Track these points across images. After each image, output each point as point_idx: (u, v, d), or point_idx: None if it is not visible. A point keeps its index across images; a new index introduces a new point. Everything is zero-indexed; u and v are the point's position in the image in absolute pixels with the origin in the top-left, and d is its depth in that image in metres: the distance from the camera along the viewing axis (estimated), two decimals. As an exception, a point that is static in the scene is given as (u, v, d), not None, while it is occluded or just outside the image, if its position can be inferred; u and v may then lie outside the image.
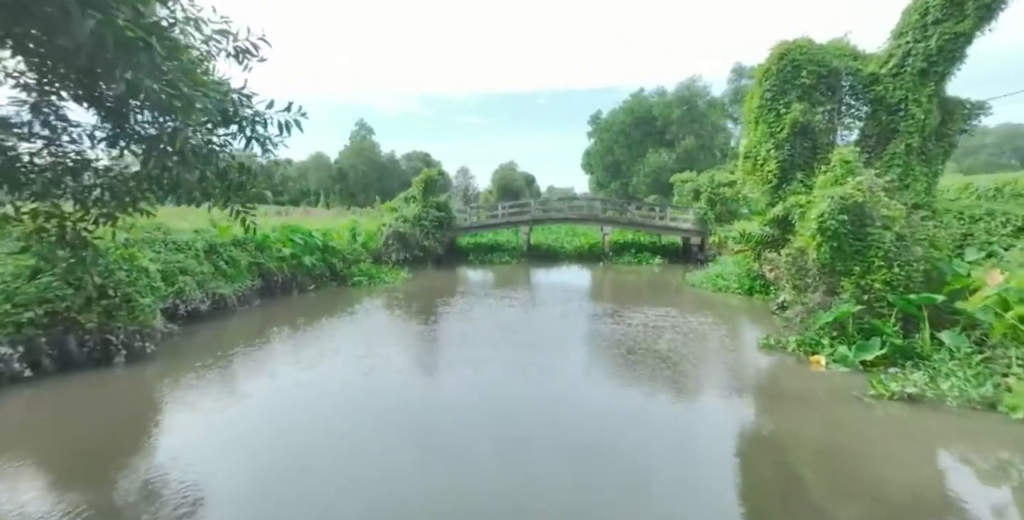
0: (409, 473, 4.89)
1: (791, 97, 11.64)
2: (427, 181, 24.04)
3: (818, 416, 6.25)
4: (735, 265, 18.17)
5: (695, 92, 40.64)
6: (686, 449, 5.50)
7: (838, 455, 5.24)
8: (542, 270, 24.14)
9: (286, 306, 13.44)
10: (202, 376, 7.59)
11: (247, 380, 7.66)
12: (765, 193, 12.29)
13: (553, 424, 6.08)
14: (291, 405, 6.69)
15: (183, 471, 4.89)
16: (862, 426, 5.95)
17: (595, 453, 5.30)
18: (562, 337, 10.54)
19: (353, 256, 18.37)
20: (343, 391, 7.21)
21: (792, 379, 7.45)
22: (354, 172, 75.36)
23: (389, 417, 6.31)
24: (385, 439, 5.64)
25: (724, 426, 6.09)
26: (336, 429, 5.92)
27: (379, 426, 6.03)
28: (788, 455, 5.36)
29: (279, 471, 4.91)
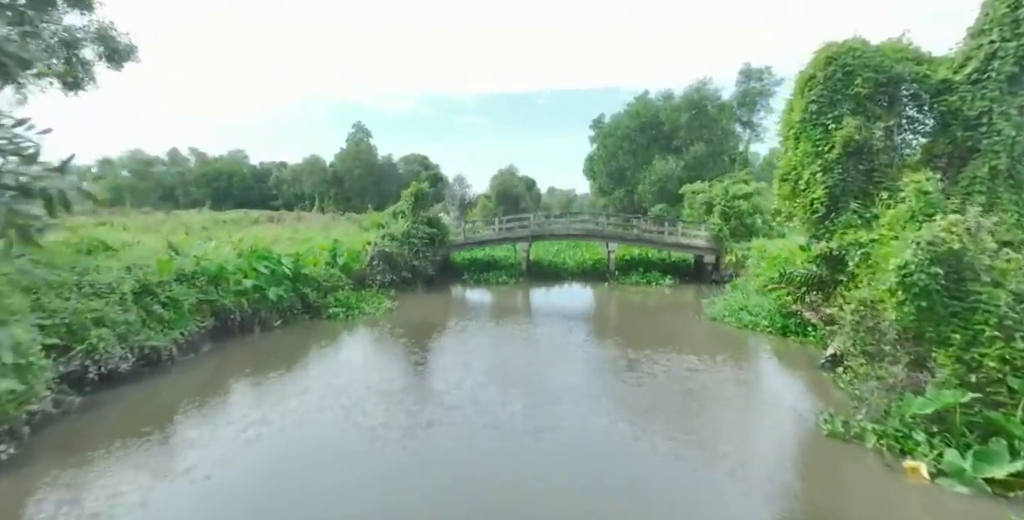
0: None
1: (842, 110, 9.67)
2: (417, 195, 22.10)
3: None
4: (759, 294, 16.20)
5: (704, 95, 38.68)
6: None
7: None
8: (543, 291, 22.17)
9: (241, 350, 11.46)
10: (76, 486, 5.59)
11: (142, 489, 5.67)
12: (809, 223, 10.31)
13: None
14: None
15: None
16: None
17: None
18: (570, 404, 8.55)
19: (330, 283, 16.41)
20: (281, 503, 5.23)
21: (890, 502, 5.40)
22: (350, 176, 73.53)
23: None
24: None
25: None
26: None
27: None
28: None
29: None
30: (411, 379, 9.47)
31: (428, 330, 13.79)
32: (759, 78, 46.65)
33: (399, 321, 14.82)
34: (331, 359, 10.97)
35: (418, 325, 14.32)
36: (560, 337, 13.06)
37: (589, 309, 18.32)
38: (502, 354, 11.18)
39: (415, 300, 18.56)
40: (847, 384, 8.04)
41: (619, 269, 23.92)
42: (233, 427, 7.05)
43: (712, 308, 15.74)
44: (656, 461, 6.37)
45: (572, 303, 19.66)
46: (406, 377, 9.58)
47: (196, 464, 6.09)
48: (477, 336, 13.17)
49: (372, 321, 14.79)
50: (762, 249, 20.28)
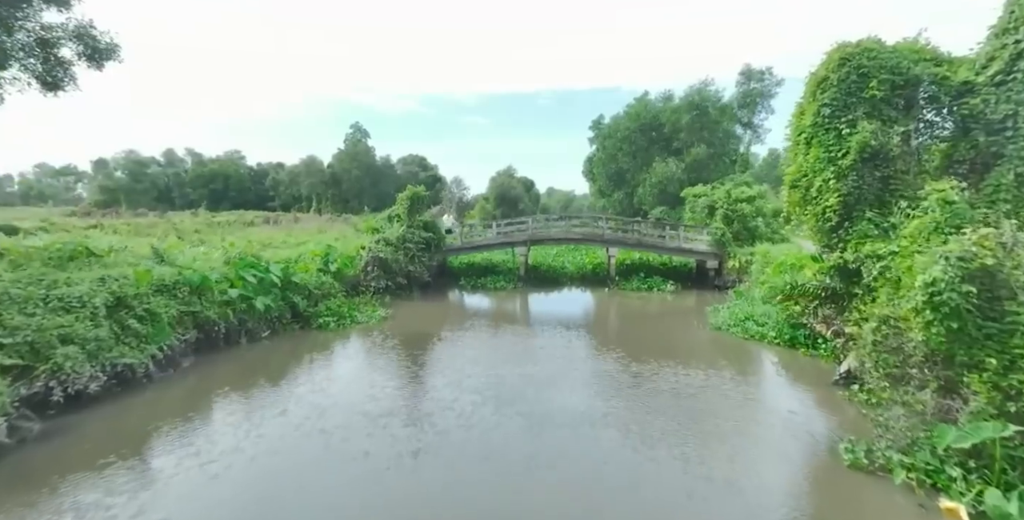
0: None
1: (857, 113, 9.16)
2: (413, 198, 21.58)
3: None
4: (765, 303, 15.69)
5: (705, 97, 38.19)
6: None
7: None
8: (542, 297, 21.63)
9: (225, 364, 10.91)
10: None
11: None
12: (821, 232, 9.80)
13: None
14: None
15: None
16: None
17: None
18: (570, 429, 8.01)
19: (322, 291, 15.86)
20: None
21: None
22: (347, 177, 72.99)
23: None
24: None
25: None
26: None
27: None
28: None
29: None
30: (400, 398, 8.93)
31: (421, 341, 13.26)
32: (760, 79, 46.24)
33: (392, 331, 14.29)
34: (317, 374, 10.42)
35: (411, 335, 13.78)
36: (559, 349, 12.54)
37: (589, 317, 17.79)
38: (498, 369, 10.64)
39: (410, 307, 18.03)
40: (868, 407, 7.54)
41: (619, 274, 23.39)
42: (201, 458, 6.50)
43: (716, 317, 15.23)
44: (667, 498, 5.84)
45: (571, 310, 19.13)
46: (395, 396, 9.04)
47: (152, 504, 5.54)
48: (472, 348, 12.64)
49: (364, 331, 14.26)
50: (766, 254, 19.80)
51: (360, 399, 8.79)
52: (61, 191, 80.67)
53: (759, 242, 23.00)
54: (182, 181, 69.38)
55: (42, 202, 64.11)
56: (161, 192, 67.38)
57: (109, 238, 24.62)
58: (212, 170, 69.51)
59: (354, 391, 9.27)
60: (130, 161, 64.93)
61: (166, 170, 69.49)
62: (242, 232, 36.24)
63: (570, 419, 7.98)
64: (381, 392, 9.20)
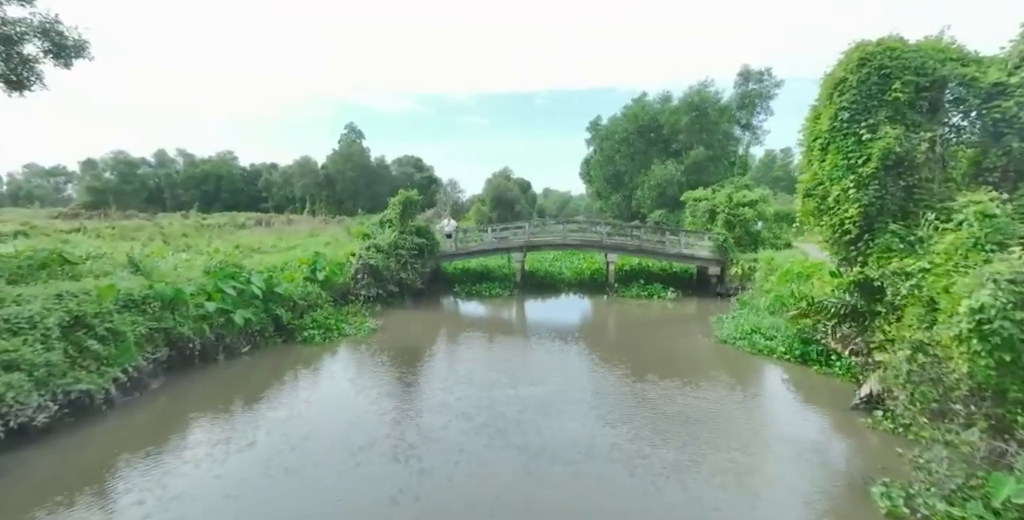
0: None
1: (878, 117, 8.49)
2: (405, 203, 20.81)
3: None
4: (772, 314, 15.03)
5: (705, 98, 37.59)
6: None
7: None
8: (539, 305, 20.95)
9: (198, 384, 10.14)
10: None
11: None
12: (839, 245, 9.12)
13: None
14: None
15: None
16: None
17: None
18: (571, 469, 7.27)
19: (308, 301, 15.08)
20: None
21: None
22: (342, 178, 72.11)
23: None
24: None
25: None
26: None
27: None
28: None
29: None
30: (383, 425, 8.18)
31: (411, 356, 12.52)
32: (759, 80, 45.70)
33: (381, 344, 13.54)
34: (295, 396, 9.66)
35: (401, 350, 13.03)
36: (557, 365, 11.83)
37: (588, 328, 17.08)
38: (492, 390, 9.92)
39: (401, 317, 17.29)
40: (894, 435, 6.86)
41: (619, 280, 22.72)
42: (145, 507, 5.71)
43: (721, 329, 14.55)
44: None
45: (569, 319, 18.42)
46: (378, 423, 8.28)
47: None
48: (465, 364, 11.90)
49: (352, 344, 13.50)
50: (770, 261, 19.16)
51: (339, 427, 8.03)
52: (51, 192, 79.38)
53: (761, 248, 22.41)
54: (173, 182, 68.28)
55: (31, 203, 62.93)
56: (151, 193, 66.26)
57: (92, 243, 23.78)
58: (204, 171, 68.45)
59: (334, 417, 8.51)
60: (119, 162, 63.70)
61: (157, 171, 68.38)
62: (232, 235, 35.34)
63: (570, 453, 7.25)
64: (363, 418, 8.45)
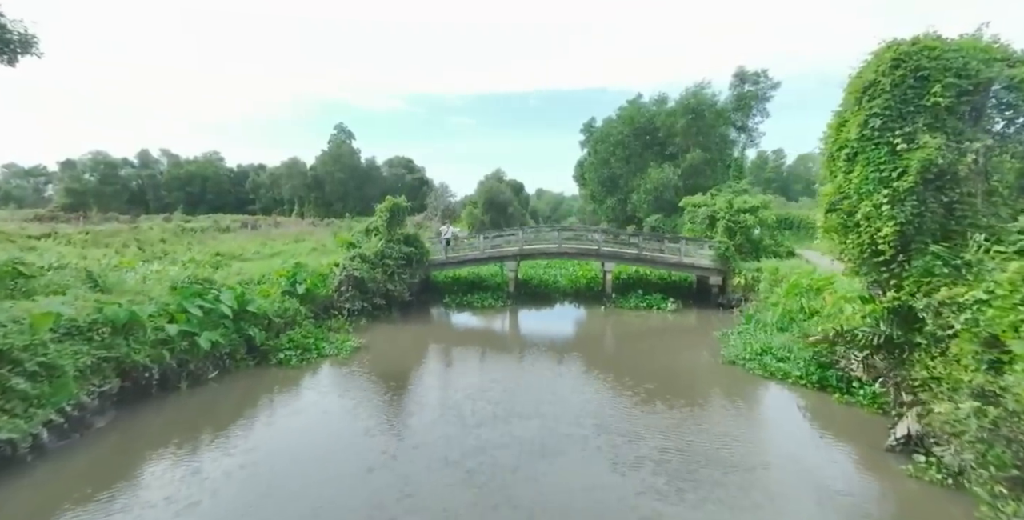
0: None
1: (916, 125, 7.61)
2: (393, 210, 19.75)
3: None
4: (781, 329, 14.17)
5: (701, 100, 36.82)
6: None
7: None
8: (533, 317, 20.01)
9: (152, 419, 9.03)
10: None
11: None
12: (869, 266, 8.22)
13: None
14: None
15: None
16: None
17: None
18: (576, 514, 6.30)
19: (285, 319, 13.98)
20: None
21: None
22: (331, 180, 70.75)
23: None
24: None
25: None
26: None
27: None
28: None
29: None
30: (350, 479, 7.10)
31: (394, 381, 11.50)
32: (755, 81, 45.06)
33: (363, 365, 12.51)
34: (259, 433, 8.61)
35: (384, 373, 12.00)
36: (555, 392, 10.84)
37: (586, 345, 16.11)
38: (482, 428, 8.89)
39: (388, 332, 16.24)
40: (944, 487, 5.95)
41: (616, 290, 21.80)
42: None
43: (728, 347, 13.66)
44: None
45: (566, 334, 17.46)
46: (343, 476, 7.18)
47: None
48: (453, 391, 10.88)
49: (331, 367, 12.45)
50: (775, 272, 18.33)
51: (297, 485, 6.90)
52: (30, 193, 77.18)
53: (764, 256, 21.62)
54: (157, 183, 66.52)
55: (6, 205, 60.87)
56: (134, 195, 64.46)
57: (61, 250, 22.44)
58: (189, 172, 66.75)
59: (294, 469, 7.40)
60: (98, 162, 61.71)
61: (140, 172, 66.55)
62: (214, 241, 34.09)
63: (572, 514, 6.27)
64: (329, 470, 7.36)
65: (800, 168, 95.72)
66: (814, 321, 13.10)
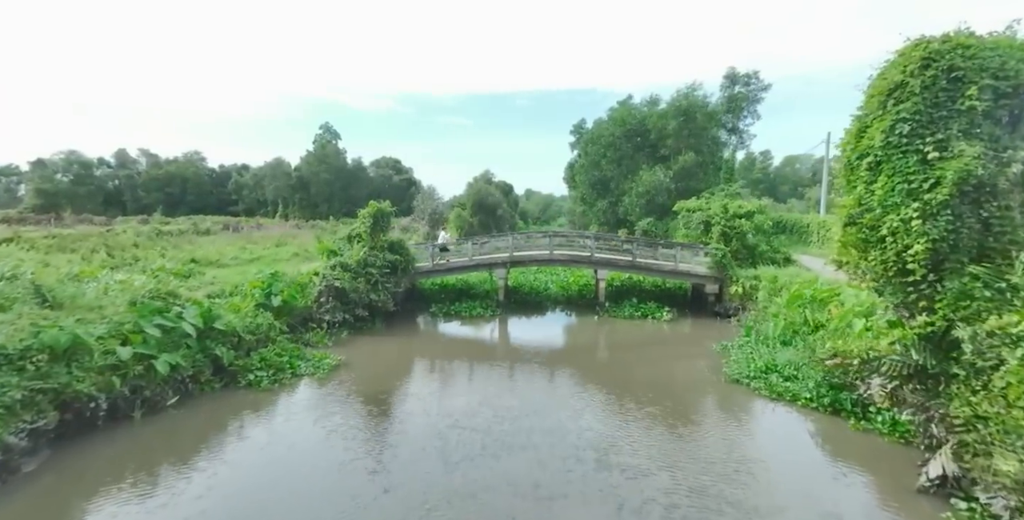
0: None
1: (950, 131, 6.89)
2: (376, 216, 18.75)
3: None
4: (784, 343, 13.49)
5: (693, 102, 36.30)
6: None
7: None
8: (524, 327, 19.17)
9: (94, 456, 7.99)
10: None
11: None
12: (894, 287, 7.49)
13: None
14: None
15: None
16: None
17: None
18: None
19: (256, 335, 12.93)
20: None
21: None
22: (316, 180, 69.30)
23: None
24: None
25: None
26: None
27: None
28: None
29: None
30: None
31: (374, 405, 10.57)
32: (745, 82, 44.72)
33: (341, 386, 11.56)
34: (216, 471, 7.63)
35: (363, 394, 11.07)
36: (551, 417, 9.95)
37: (581, 359, 15.27)
38: (472, 465, 8.03)
39: (370, 346, 15.27)
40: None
41: (609, 297, 21.01)
42: None
43: (730, 363, 12.92)
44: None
45: (559, 347, 16.64)
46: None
47: None
48: (438, 418, 9.94)
49: (306, 387, 11.49)
50: (774, 280, 17.69)
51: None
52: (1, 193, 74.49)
53: (760, 263, 21.00)
54: (135, 184, 64.44)
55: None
56: (110, 196, 62.33)
57: (21, 256, 21.07)
58: (168, 172, 64.77)
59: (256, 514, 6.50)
60: (71, 162, 59.45)
61: (117, 172, 64.41)
62: (191, 245, 32.69)
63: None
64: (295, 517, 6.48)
65: (787, 169, 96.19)
66: (820, 335, 12.49)
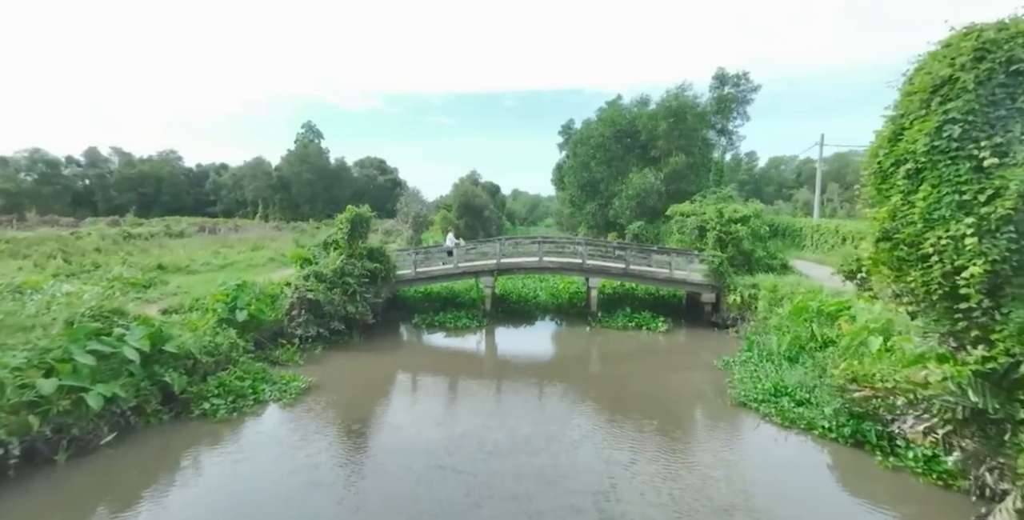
0: None
1: (1011, 133, 5.93)
2: (354, 221, 17.47)
3: None
4: (788, 359, 12.58)
5: (684, 102, 35.51)
6: None
7: None
8: (512, 338, 18.11)
9: (1, 514, 6.72)
10: None
11: None
12: (939, 312, 6.51)
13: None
14: None
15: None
16: None
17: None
18: None
19: (215, 356, 11.60)
20: None
21: None
22: (297, 180, 67.38)
23: None
24: None
25: None
26: None
27: None
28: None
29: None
30: None
31: (344, 438, 9.37)
32: (735, 83, 44.13)
33: (309, 413, 10.34)
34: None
35: (333, 424, 9.87)
36: (539, 457, 8.84)
37: (572, 378, 14.17)
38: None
39: (346, 363, 14.05)
40: None
41: (601, 306, 20.01)
42: None
43: (734, 382, 11.96)
44: None
45: (549, 362, 15.58)
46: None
47: None
48: (412, 455, 8.76)
49: (269, 416, 10.25)
50: (774, 289, 16.82)
51: None
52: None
53: (757, 270, 20.14)
54: (106, 183, 61.85)
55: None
56: (79, 196, 59.65)
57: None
58: (142, 172, 62.28)
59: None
60: (35, 160, 56.56)
61: (87, 171, 61.73)
62: (160, 249, 30.89)
63: None
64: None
65: (771, 171, 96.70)
66: (830, 353, 11.60)
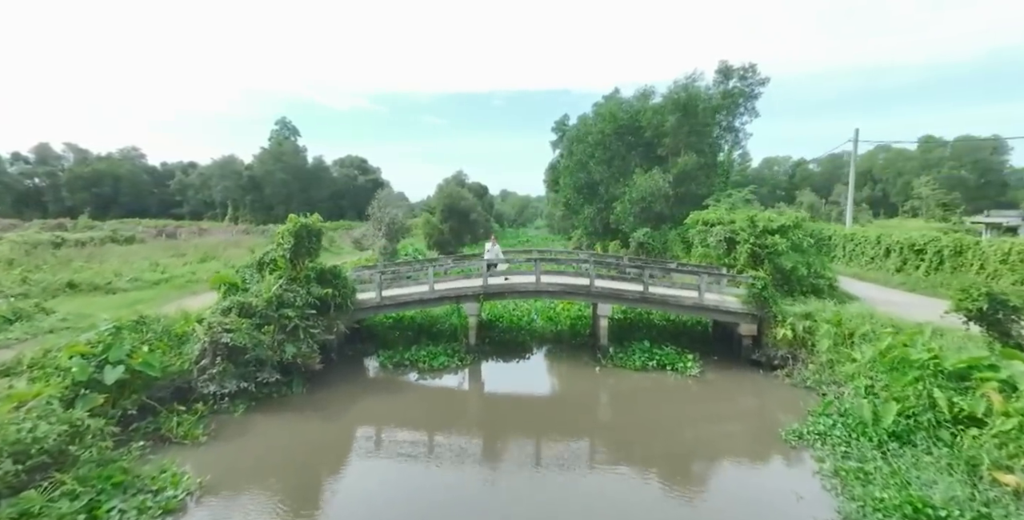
0: None
1: None
2: (299, 234, 13.46)
3: None
4: (896, 438, 8.81)
5: (693, 95, 31.88)
6: None
7: None
8: (502, 383, 14.31)
9: None
10: None
11: None
12: None
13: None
14: None
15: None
16: None
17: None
18: None
19: (35, 457, 7.44)
20: None
21: None
22: (270, 180, 62.75)
23: None
24: None
25: None
26: None
27: None
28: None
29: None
30: None
31: None
32: (741, 77, 40.73)
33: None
34: None
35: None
36: None
37: (584, 458, 10.35)
38: None
39: (275, 432, 10.08)
40: None
41: (612, 336, 16.19)
42: None
43: (837, 486, 8.16)
44: None
45: (550, 426, 11.54)
46: None
47: None
48: None
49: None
50: (839, 323, 13.15)
51: None
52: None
53: (799, 292, 16.50)
54: (58, 183, 56.64)
55: None
56: (26, 196, 54.37)
57: None
58: (97, 170, 57.11)
59: None
60: (-33, 157, 51.40)
61: (36, 168, 56.45)
62: (88, 261, 26.42)
63: None
64: None
65: (765, 171, 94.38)
66: (982, 441, 7.79)
